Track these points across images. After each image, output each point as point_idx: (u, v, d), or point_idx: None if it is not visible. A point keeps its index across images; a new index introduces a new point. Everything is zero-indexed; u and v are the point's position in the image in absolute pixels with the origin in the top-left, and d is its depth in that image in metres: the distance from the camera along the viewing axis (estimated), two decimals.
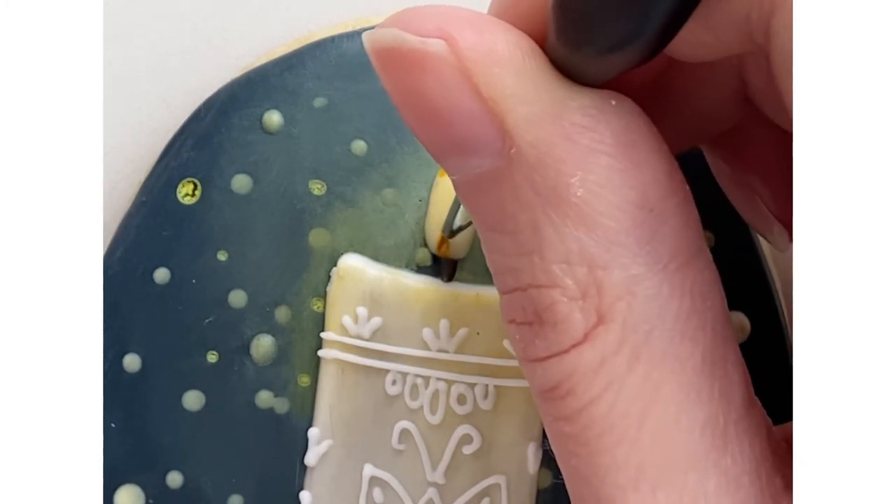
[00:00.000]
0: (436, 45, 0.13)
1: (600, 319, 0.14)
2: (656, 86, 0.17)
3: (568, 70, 0.14)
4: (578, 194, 0.13)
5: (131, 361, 0.22)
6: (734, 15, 0.13)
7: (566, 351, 0.14)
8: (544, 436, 0.22)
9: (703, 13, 0.13)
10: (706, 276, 0.14)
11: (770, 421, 0.15)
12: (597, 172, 0.13)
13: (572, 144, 0.13)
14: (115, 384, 0.22)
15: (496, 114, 0.14)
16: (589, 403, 0.14)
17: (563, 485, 0.22)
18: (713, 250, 0.15)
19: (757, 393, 0.15)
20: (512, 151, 0.14)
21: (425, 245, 0.22)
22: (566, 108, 0.13)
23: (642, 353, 0.14)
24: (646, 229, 0.14)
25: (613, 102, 0.14)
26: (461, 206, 0.21)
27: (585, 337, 0.14)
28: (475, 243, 0.22)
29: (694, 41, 0.14)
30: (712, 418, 0.14)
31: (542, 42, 0.14)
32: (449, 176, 0.15)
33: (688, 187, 0.14)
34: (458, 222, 0.21)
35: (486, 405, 0.21)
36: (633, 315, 0.14)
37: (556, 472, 0.22)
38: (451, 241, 0.22)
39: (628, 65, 0.13)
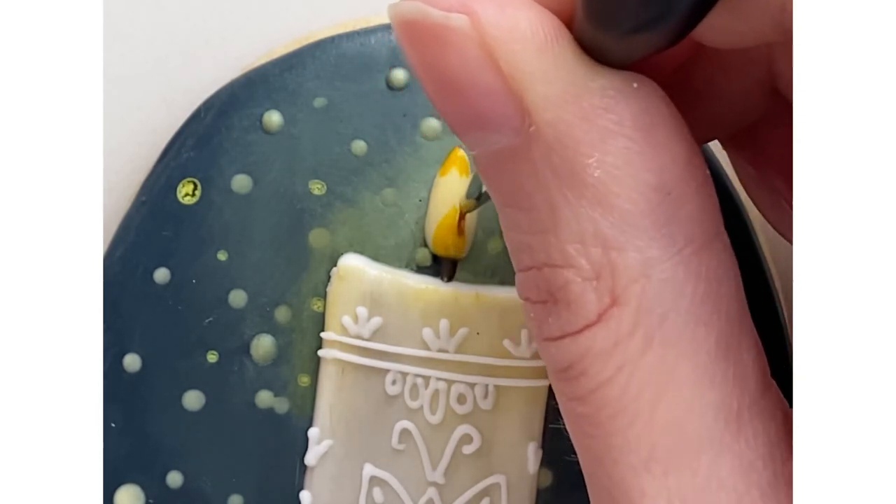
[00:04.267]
0: (458, 21, 0.13)
1: (614, 301, 0.14)
2: (683, 71, 0.17)
3: (594, 50, 0.14)
4: (595, 175, 0.13)
5: (131, 361, 0.22)
6: (767, 4, 0.13)
7: (579, 331, 0.14)
8: (544, 435, 0.22)
9: None
10: (722, 260, 0.14)
11: (787, 404, 0.15)
12: (614, 154, 0.13)
13: (590, 125, 0.13)
14: (115, 384, 0.22)
15: (516, 91, 0.13)
16: (601, 385, 0.14)
17: (563, 485, 0.22)
18: None
19: None
20: (531, 129, 0.14)
21: (425, 245, 0.22)
22: (586, 89, 0.13)
23: (656, 337, 0.14)
24: (662, 212, 0.14)
25: (635, 84, 0.14)
26: None
27: (599, 318, 0.14)
28: (475, 243, 0.22)
29: (723, 27, 0.14)
30: (726, 402, 0.14)
31: (569, 21, 0.14)
32: (469, 150, 0.15)
33: (707, 171, 0.14)
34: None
35: (486, 405, 0.21)
36: (647, 298, 0.14)
37: (556, 472, 0.22)
38: (468, 215, 0.22)
39: (654, 47, 0.13)
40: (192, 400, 0.22)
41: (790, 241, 0.20)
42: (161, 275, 0.22)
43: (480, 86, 0.14)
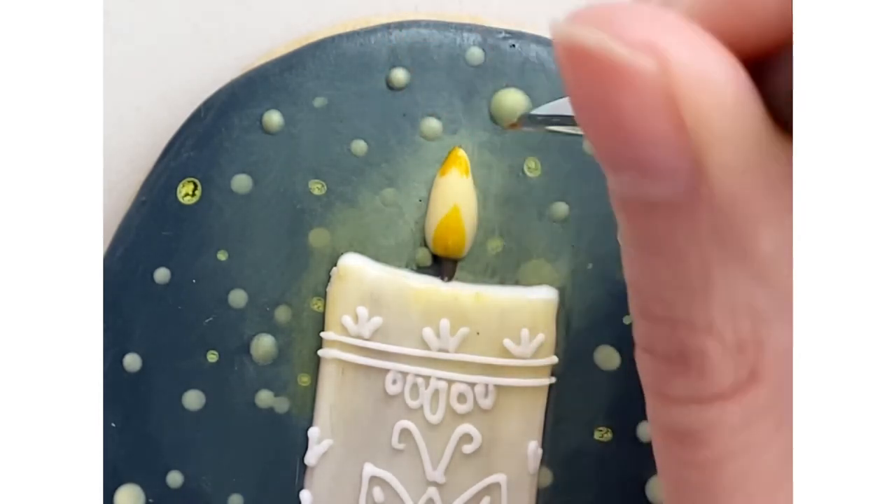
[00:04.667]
0: (646, 63, 0.12)
1: (752, 377, 0.13)
2: None
3: (781, 110, 0.12)
4: (766, 250, 0.12)
5: (131, 361, 0.22)
6: None
7: (708, 401, 0.13)
8: (544, 435, 0.22)
9: None
10: None
11: None
12: (791, 229, 0.12)
13: (773, 198, 0.12)
14: (115, 384, 0.22)
15: (695, 147, 0.12)
16: (722, 459, 0.13)
17: (563, 484, 0.22)
18: None
19: None
20: (702, 189, 0.12)
21: (425, 245, 0.22)
22: (774, 158, 0.12)
23: (790, 420, 0.13)
24: None
25: None
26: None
27: (733, 392, 0.13)
28: (475, 243, 0.22)
29: None
30: None
31: (740, 53, 0.12)
32: (611, 186, 0.14)
33: None
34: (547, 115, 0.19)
35: (486, 404, 0.22)
36: (789, 378, 0.13)
37: (556, 472, 0.22)
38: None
39: None
40: (192, 400, 0.22)
41: None
42: (161, 275, 0.22)
43: (653, 132, 0.12)
